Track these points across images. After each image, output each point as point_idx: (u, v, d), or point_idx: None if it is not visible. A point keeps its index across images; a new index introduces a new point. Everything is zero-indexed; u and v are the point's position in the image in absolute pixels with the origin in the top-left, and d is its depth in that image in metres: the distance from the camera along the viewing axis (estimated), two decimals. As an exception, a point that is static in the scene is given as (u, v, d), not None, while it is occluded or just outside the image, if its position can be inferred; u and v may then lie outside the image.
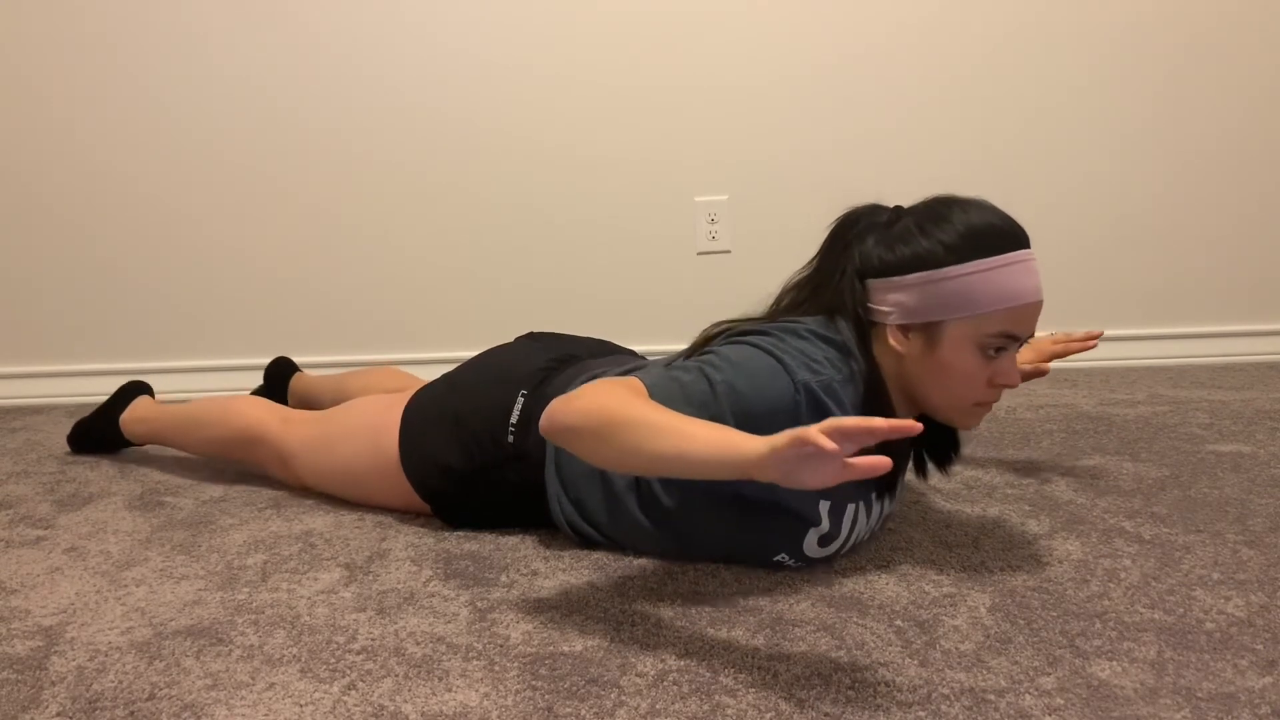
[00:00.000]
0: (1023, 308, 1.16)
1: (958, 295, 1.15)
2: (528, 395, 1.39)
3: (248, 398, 1.76)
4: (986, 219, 1.18)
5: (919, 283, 1.17)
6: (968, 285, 1.15)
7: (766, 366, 1.16)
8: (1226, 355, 2.37)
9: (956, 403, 1.21)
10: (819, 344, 1.20)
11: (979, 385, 1.19)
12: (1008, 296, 1.15)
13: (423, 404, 1.47)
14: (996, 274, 1.15)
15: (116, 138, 2.35)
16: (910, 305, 1.18)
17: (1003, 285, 1.15)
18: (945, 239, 1.17)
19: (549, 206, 2.37)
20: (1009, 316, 1.16)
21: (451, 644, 1.12)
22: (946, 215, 1.18)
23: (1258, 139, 2.31)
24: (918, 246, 1.18)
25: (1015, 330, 1.17)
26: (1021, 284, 1.15)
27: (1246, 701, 0.95)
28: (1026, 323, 1.18)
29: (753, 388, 1.15)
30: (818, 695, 0.99)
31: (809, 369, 1.16)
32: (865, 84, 2.30)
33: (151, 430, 1.82)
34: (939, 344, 1.18)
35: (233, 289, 2.42)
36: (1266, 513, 1.41)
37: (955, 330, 1.17)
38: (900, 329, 1.20)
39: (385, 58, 2.31)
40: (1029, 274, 1.16)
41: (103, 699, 1.03)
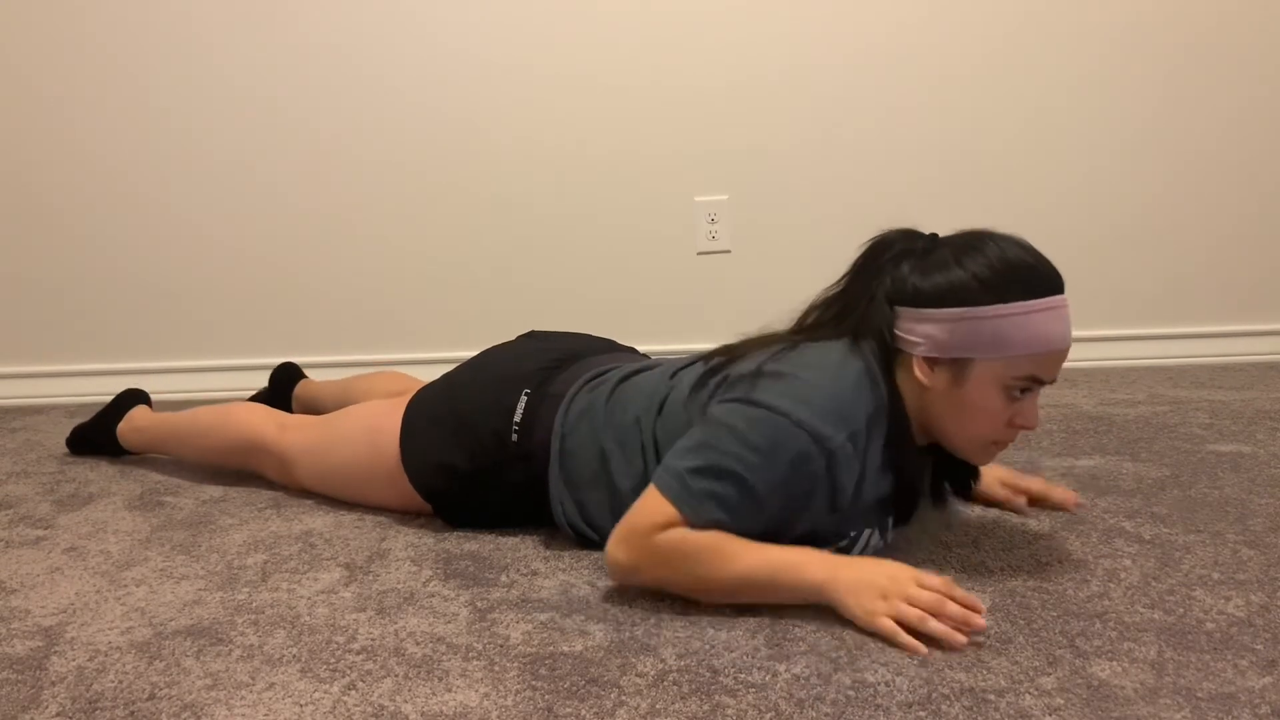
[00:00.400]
0: (1052, 354, 1.16)
1: (991, 336, 1.14)
2: (531, 394, 1.39)
3: (244, 404, 1.76)
4: (1026, 260, 1.16)
5: (953, 318, 1.16)
6: (1002, 327, 1.14)
7: (792, 446, 1.14)
8: (1226, 355, 2.36)
9: (974, 439, 1.21)
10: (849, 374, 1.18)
11: (999, 425, 1.19)
12: (1040, 341, 1.14)
13: (424, 404, 1.47)
14: (1032, 318, 1.14)
15: (117, 138, 2.34)
16: (941, 339, 1.17)
17: (1036, 330, 1.14)
18: (983, 275, 1.15)
19: (549, 206, 2.37)
20: (1038, 361, 1.15)
21: (451, 644, 1.12)
22: (985, 251, 1.17)
23: (1257, 139, 2.31)
24: (955, 279, 1.16)
25: (1042, 375, 1.16)
26: (1054, 330, 1.15)
27: (1246, 701, 0.95)
28: (1053, 368, 1.17)
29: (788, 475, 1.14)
30: (818, 695, 0.99)
31: (840, 419, 1.15)
32: (865, 83, 2.30)
33: (148, 440, 1.82)
34: (965, 381, 1.17)
35: (233, 289, 2.41)
36: (1266, 513, 1.41)
37: (983, 370, 1.16)
38: (927, 361, 1.19)
39: (386, 58, 2.31)
40: (1062, 320, 1.15)
41: (103, 699, 1.03)
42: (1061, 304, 1.16)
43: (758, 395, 1.17)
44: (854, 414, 1.17)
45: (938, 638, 1.06)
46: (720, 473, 1.14)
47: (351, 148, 2.35)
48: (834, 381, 1.18)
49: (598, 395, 1.36)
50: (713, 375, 1.26)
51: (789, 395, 1.16)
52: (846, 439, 1.15)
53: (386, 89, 2.32)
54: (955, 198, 2.34)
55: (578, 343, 1.53)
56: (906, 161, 2.33)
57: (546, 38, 2.30)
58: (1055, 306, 1.15)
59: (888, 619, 1.08)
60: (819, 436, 1.14)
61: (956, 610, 1.07)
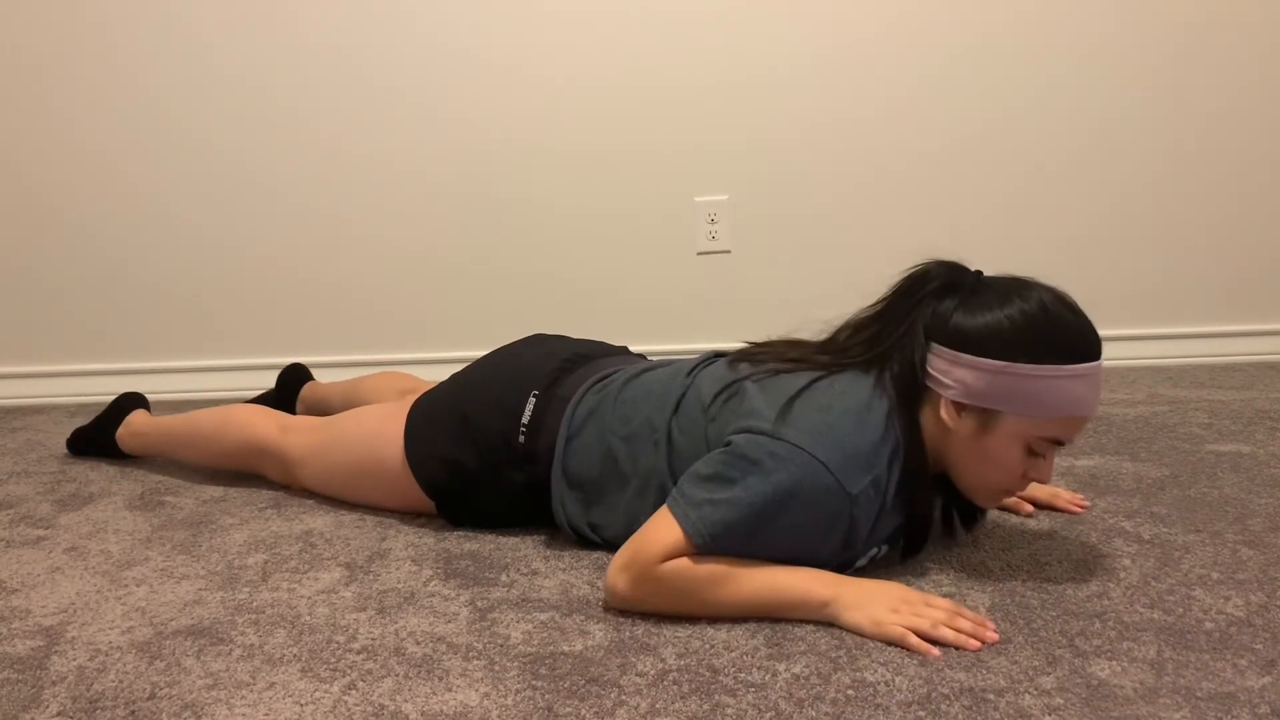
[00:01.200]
0: (1080, 419, 1.16)
1: (1025, 395, 1.13)
2: (539, 396, 1.39)
3: (244, 407, 1.76)
4: (1071, 322, 1.15)
5: (992, 370, 1.14)
6: (1038, 388, 1.13)
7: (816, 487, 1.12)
8: (1226, 355, 2.37)
9: (987, 486, 1.22)
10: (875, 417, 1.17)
11: (1014, 477, 1.19)
12: (1071, 408, 1.14)
13: (430, 404, 1.47)
14: (1069, 383, 1.13)
15: (117, 138, 2.35)
16: (975, 388, 1.15)
17: (1070, 394, 1.13)
18: (1028, 331, 1.13)
19: (549, 206, 2.37)
20: (1065, 425, 1.15)
21: (451, 644, 1.12)
22: (1031, 304, 1.15)
23: (1257, 138, 2.31)
24: (1001, 329, 1.14)
25: (1066, 437, 1.17)
26: (1087, 399, 1.14)
27: (1246, 701, 0.95)
28: (1076, 432, 1.17)
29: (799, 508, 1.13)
30: (818, 695, 0.99)
31: (866, 465, 1.14)
32: (866, 83, 2.30)
33: (147, 444, 1.82)
34: (991, 432, 1.16)
35: (234, 289, 2.41)
36: (1266, 513, 1.41)
37: (1011, 424, 1.15)
38: (955, 405, 1.17)
39: (387, 58, 2.31)
40: (1095, 388, 1.15)
41: (103, 699, 1.04)
42: (1097, 370, 1.15)
43: (785, 431, 1.15)
44: (878, 459, 1.16)
45: (950, 643, 1.06)
46: (739, 507, 1.13)
47: (351, 148, 2.35)
48: (860, 425, 1.16)
49: (605, 396, 1.36)
50: (738, 387, 1.24)
51: (816, 434, 1.14)
52: (870, 484, 1.14)
53: (387, 89, 2.32)
54: (955, 198, 2.34)
55: (585, 346, 1.53)
56: (907, 161, 2.33)
57: (547, 38, 2.30)
58: (1092, 373, 1.14)
59: (898, 626, 1.08)
60: (844, 480, 1.12)
61: (968, 624, 1.08)
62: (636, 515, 1.26)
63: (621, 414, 1.33)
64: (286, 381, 2.05)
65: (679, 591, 1.14)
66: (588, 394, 1.38)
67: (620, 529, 1.30)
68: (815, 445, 1.13)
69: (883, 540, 1.23)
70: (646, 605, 1.16)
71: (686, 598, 1.14)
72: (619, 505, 1.31)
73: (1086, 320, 1.17)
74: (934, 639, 1.07)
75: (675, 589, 1.14)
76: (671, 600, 1.15)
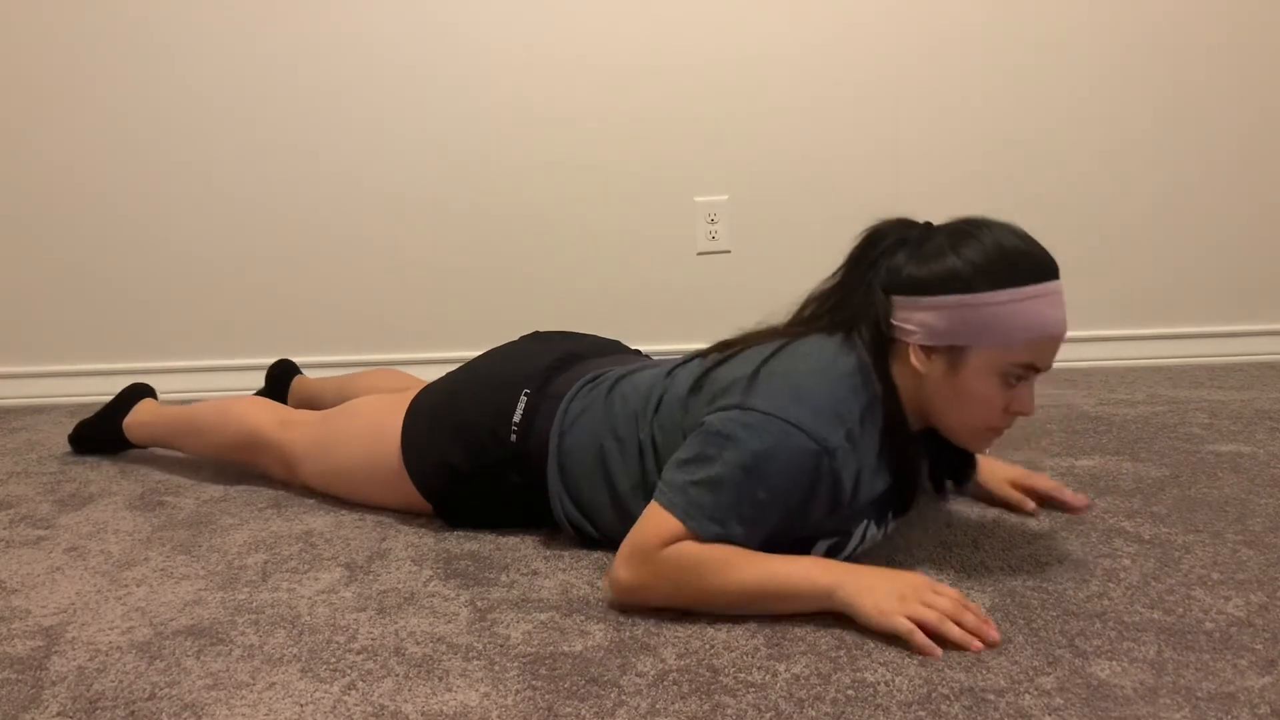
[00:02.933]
0: (1049, 340, 1.16)
1: (987, 323, 1.14)
2: (531, 394, 1.39)
3: (248, 399, 1.76)
4: (1021, 246, 1.16)
5: (949, 305, 1.15)
6: (998, 314, 1.13)
7: (791, 449, 1.13)
8: (1226, 355, 2.36)
9: (970, 426, 1.21)
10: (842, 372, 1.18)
11: (995, 412, 1.18)
12: (1036, 329, 1.14)
13: (425, 405, 1.47)
14: (1028, 305, 1.13)
15: (116, 137, 2.34)
16: (937, 327, 1.16)
17: (1032, 317, 1.14)
18: (979, 262, 1.15)
19: (549, 207, 2.37)
20: (1034, 348, 1.15)
21: (451, 644, 1.12)
22: (980, 238, 1.17)
23: (1258, 139, 2.31)
24: (951, 268, 1.15)
25: (1038, 361, 1.16)
26: (1050, 317, 1.15)
27: (1246, 701, 0.95)
28: (1049, 355, 1.17)
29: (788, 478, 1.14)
30: (818, 695, 0.99)
31: (837, 418, 1.15)
32: (866, 84, 2.30)
33: (153, 434, 1.82)
34: (962, 369, 1.16)
35: (233, 289, 2.41)
36: (1266, 513, 1.41)
37: (979, 357, 1.15)
38: (924, 349, 1.18)
39: (385, 58, 2.31)
40: (1057, 306, 1.15)
41: (103, 699, 1.04)
42: (1057, 290, 1.16)
43: (753, 401, 1.16)
44: (849, 412, 1.17)
45: (954, 641, 1.06)
46: (723, 483, 1.14)
47: (351, 149, 2.35)
48: (827, 381, 1.18)
49: (596, 394, 1.36)
50: (708, 375, 1.26)
51: (784, 397, 1.16)
52: (844, 437, 1.15)
53: (386, 90, 2.32)
54: (956, 198, 2.32)
55: (580, 344, 1.53)
56: (907, 161, 2.33)
57: (546, 38, 2.30)
58: (1051, 293, 1.15)
59: (904, 618, 1.07)
60: (818, 438, 1.14)
61: (973, 620, 1.07)
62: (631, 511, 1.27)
63: (611, 413, 1.33)
64: (275, 377, 2.06)
65: (680, 578, 1.14)
66: (579, 393, 1.38)
67: (618, 526, 1.30)
68: (785, 409, 1.15)
69: (871, 510, 1.23)
70: (649, 594, 1.16)
71: (687, 585, 1.14)
72: (615, 502, 1.31)
73: (1037, 244, 1.17)
74: (939, 634, 1.06)
75: (676, 575, 1.14)
76: (673, 588, 1.15)
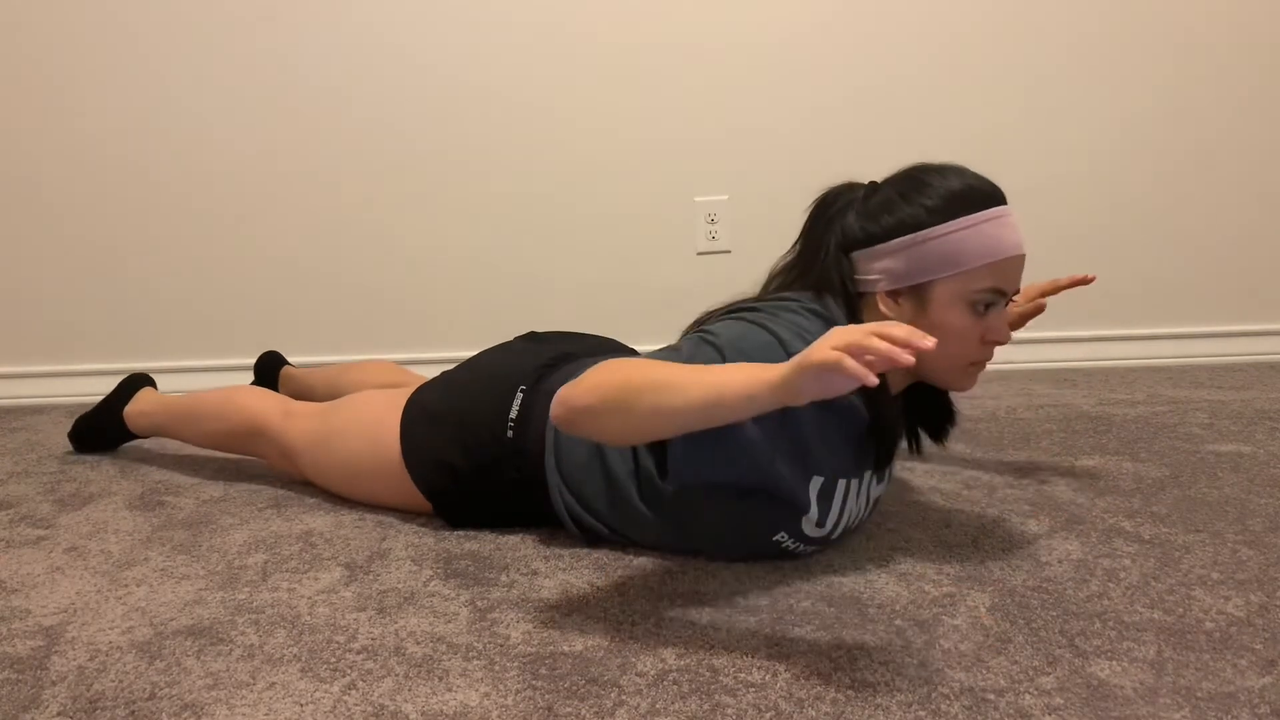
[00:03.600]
0: (1007, 261, 1.18)
1: (943, 254, 1.17)
2: (526, 391, 1.39)
3: (250, 388, 1.76)
4: (964, 180, 1.20)
5: (904, 246, 1.19)
6: (952, 243, 1.17)
7: (761, 341, 1.17)
8: (1226, 355, 2.37)
9: (951, 363, 1.22)
10: (811, 317, 1.21)
11: (972, 343, 1.20)
12: (992, 251, 1.17)
13: (422, 402, 1.47)
14: (979, 229, 1.17)
15: (117, 137, 2.35)
16: (897, 270, 1.20)
17: (986, 240, 1.17)
18: (927, 202, 1.19)
19: (549, 206, 2.37)
20: (995, 271, 1.17)
21: (451, 644, 1.12)
22: (924, 180, 1.21)
23: (1258, 138, 2.31)
24: (900, 213, 1.20)
25: (1002, 285, 1.19)
26: (1005, 238, 1.17)
27: (1246, 701, 0.95)
28: (1012, 277, 1.19)
29: (749, 352, 1.16)
30: (818, 695, 0.99)
31: (802, 339, 1.17)
32: (866, 83, 2.31)
33: (154, 422, 1.83)
34: (929, 305, 1.19)
35: (233, 289, 2.42)
36: (1266, 513, 1.41)
37: (944, 290, 1.18)
38: (890, 295, 1.21)
39: (386, 58, 2.31)
40: (1010, 228, 1.18)
41: (103, 699, 1.04)
42: (1006, 213, 1.19)
43: (734, 316, 1.24)
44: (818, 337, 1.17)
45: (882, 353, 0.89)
46: (684, 344, 1.23)
47: (351, 149, 2.35)
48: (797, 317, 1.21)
49: None
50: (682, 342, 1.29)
51: (758, 316, 1.21)
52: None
53: (386, 90, 2.32)
54: (955, 198, 2.34)
55: (577, 343, 1.54)
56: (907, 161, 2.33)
57: (546, 38, 2.30)
58: (1001, 215, 1.18)
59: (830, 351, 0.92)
60: (785, 343, 1.16)
61: (902, 333, 0.91)
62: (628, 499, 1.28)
63: None
64: (263, 369, 2.07)
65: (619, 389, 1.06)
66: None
67: (616, 514, 1.31)
68: (758, 319, 1.20)
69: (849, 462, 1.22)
70: (589, 408, 1.09)
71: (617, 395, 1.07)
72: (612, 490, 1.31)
73: (982, 178, 1.21)
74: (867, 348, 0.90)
75: (616, 387, 1.07)
76: (600, 399, 1.08)
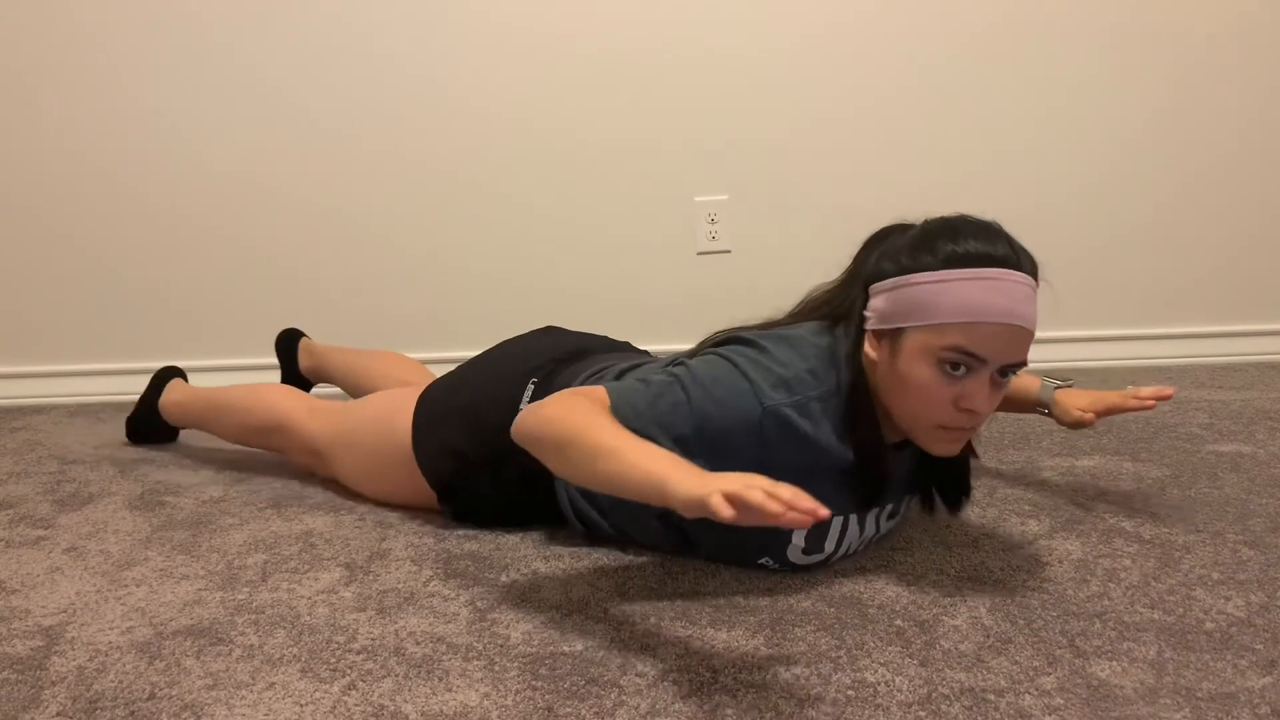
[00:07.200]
0: (986, 325, 1.08)
1: (916, 302, 1.11)
2: (538, 384, 1.41)
3: (277, 385, 1.80)
4: (978, 238, 1.12)
5: (891, 288, 1.14)
6: (930, 292, 1.10)
7: (735, 389, 1.15)
8: (1226, 355, 2.37)
9: (917, 421, 1.14)
10: (808, 353, 1.18)
11: (938, 404, 1.12)
12: (968, 310, 1.08)
13: (437, 394, 1.49)
14: (962, 285, 1.09)
15: (116, 137, 2.35)
16: (883, 310, 1.15)
17: (965, 297, 1.08)
18: (938, 247, 1.12)
19: (549, 206, 2.37)
20: (968, 332, 1.08)
21: (451, 644, 1.12)
22: (951, 230, 1.14)
23: (1258, 139, 2.31)
24: (897, 250, 1.16)
25: (975, 348, 1.09)
26: (988, 300, 1.08)
27: (1246, 701, 0.95)
28: (992, 343, 1.09)
29: (719, 410, 1.15)
30: (818, 695, 0.99)
31: (786, 388, 1.15)
32: (866, 83, 2.30)
33: (185, 414, 1.86)
34: (899, 353, 1.13)
35: (233, 289, 2.42)
36: (1266, 513, 1.41)
37: (913, 339, 1.12)
38: (875, 335, 1.17)
39: (385, 58, 2.31)
40: (1001, 293, 1.08)
41: (103, 699, 1.04)
42: (1003, 276, 1.09)
43: (722, 349, 1.22)
44: (801, 385, 1.16)
45: (755, 505, 0.88)
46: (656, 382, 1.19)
47: (350, 148, 2.35)
48: (791, 353, 1.18)
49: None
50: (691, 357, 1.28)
51: (744, 355, 1.19)
52: (791, 406, 1.14)
53: (386, 90, 2.32)
54: (956, 198, 2.33)
55: (592, 341, 1.55)
56: (907, 162, 2.33)
57: (546, 38, 2.30)
58: (993, 277, 1.09)
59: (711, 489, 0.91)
60: (760, 393, 1.15)
61: (788, 493, 0.90)
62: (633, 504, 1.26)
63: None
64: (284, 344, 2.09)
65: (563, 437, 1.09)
66: (585, 383, 1.38)
67: (620, 516, 1.32)
68: (741, 360, 1.18)
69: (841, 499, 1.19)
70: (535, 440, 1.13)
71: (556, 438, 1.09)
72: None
73: (998, 237, 1.13)
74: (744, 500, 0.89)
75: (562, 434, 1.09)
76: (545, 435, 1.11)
